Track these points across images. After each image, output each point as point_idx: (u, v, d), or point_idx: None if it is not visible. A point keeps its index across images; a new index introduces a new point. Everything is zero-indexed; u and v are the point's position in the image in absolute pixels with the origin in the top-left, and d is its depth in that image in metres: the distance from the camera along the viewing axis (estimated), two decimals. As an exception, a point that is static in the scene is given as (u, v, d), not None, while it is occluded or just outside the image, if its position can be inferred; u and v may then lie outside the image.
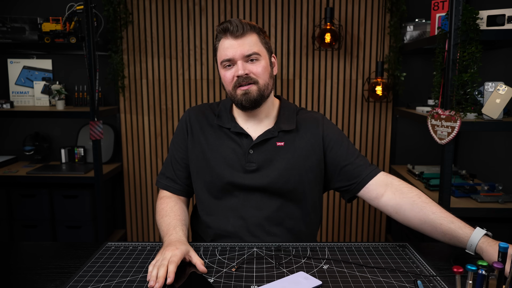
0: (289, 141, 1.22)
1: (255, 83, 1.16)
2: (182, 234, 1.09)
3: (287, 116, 1.26)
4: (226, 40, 1.16)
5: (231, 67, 1.17)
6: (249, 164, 1.19)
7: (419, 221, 1.09)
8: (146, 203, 2.72)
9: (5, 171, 2.38)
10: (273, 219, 1.19)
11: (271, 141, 1.22)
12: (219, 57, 1.19)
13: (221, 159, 1.20)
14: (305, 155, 1.22)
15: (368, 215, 2.69)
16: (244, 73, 1.15)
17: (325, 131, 1.26)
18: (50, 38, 2.25)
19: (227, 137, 1.23)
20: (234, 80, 1.17)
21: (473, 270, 0.75)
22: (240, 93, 1.16)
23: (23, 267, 1.00)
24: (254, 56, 1.16)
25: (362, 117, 2.60)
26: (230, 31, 1.15)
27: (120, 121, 2.64)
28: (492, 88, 1.70)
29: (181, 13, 2.54)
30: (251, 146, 1.20)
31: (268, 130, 1.22)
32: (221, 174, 1.19)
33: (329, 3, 2.49)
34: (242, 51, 1.15)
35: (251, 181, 1.18)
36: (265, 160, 1.20)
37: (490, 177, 2.13)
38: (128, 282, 0.91)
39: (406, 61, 2.56)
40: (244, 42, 1.15)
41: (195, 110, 1.31)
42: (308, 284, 0.89)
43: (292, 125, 1.24)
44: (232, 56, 1.15)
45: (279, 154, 1.21)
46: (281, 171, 1.19)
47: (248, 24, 1.17)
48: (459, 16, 1.65)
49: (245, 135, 1.22)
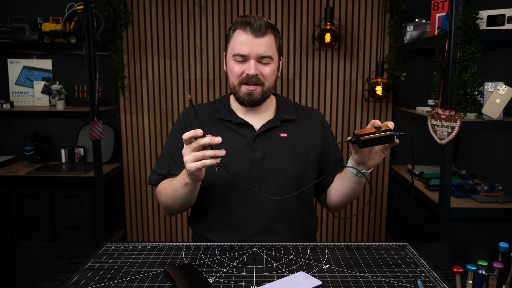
0: (292, 133, 1.25)
1: (261, 84, 1.19)
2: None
3: (286, 108, 1.30)
4: (244, 34, 1.16)
5: (243, 62, 1.18)
6: (254, 152, 1.20)
7: (335, 189, 1.25)
8: (146, 203, 2.72)
9: (5, 171, 2.38)
10: (276, 215, 1.20)
11: (275, 131, 1.24)
12: (232, 49, 1.19)
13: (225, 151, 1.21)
14: (307, 149, 1.26)
15: (368, 215, 2.69)
16: (255, 73, 1.16)
17: (324, 130, 1.31)
18: (50, 38, 2.25)
19: (229, 129, 1.24)
20: (242, 76, 1.18)
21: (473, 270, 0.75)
22: (244, 91, 1.19)
23: (23, 267, 1.00)
24: (267, 59, 1.18)
25: (362, 117, 2.60)
26: (252, 28, 1.15)
27: (120, 121, 2.64)
28: (492, 88, 1.70)
29: (181, 13, 2.54)
30: (256, 135, 1.22)
31: (271, 119, 1.25)
32: (227, 165, 1.19)
33: (329, 3, 2.49)
34: (258, 51, 1.16)
35: (257, 170, 1.19)
36: (270, 149, 1.22)
37: (490, 177, 2.13)
38: (128, 282, 0.91)
39: (406, 61, 2.56)
40: (262, 42, 1.16)
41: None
42: (308, 284, 0.89)
43: (293, 115, 1.29)
44: (247, 53, 1.16)
45: (282, 145, 1.23)
46: (285, 160, 1.21)
47: (270, 25, 1.18)
48: (459, 16, 1.65)
49: (247, 125, 1.24)
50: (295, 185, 1.21)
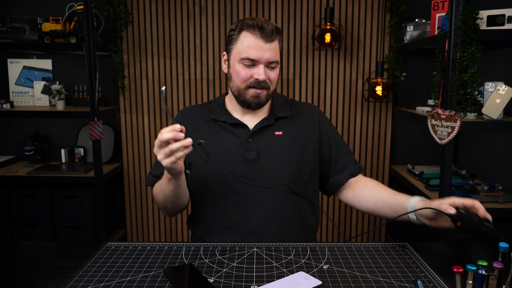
0: (287, 131, 1.25)
1: (267, 88, 1.19)
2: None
3: (280, 105, 1.30)
4: (253, 38, 1.15)
5: (251, 66, 1.17)
6: (249, 152, 1.20)
7: (374, 201, 1.22)
8: (146, 203, 2.72)
9: (5, 171, 2.38)
10: (273, 214, 1.19)
11: (269, 129, 1.24)
12: (239, 52, 1.17)
13: (219, 152, 1.21)
14: (303, 145, 1.25)
15: (368, 215, 2.69)
16: (265, 79, 1.16)
17: (321, 124, 1.30)
18: (50, 38, 2.25)
19: (224, 130, 1.24)
20: (249, 80, 1.17)
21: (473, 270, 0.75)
22: (252, 94, 1.18)
23: (23, 267, 1.00)
24: (274, 64, 1.18)
25: (362, 117, 2.60)
26: (263, 33, 1.14)
27: (120, 121, 2.64)
28: (492, 88, 1.70)
29: (181, 13, 2.54)
30: (250, 135, 1.21)
31: (265, 118, 1.25)
32: (221, 167, 1.19)
33: (329, 3, 2.49)
34: (268, 57, 1.15)
35: (252, 170, 1.19)
36: (264, 148, 1.21)
37: (490, 177, 2.13)
38: (128, 282, 0.91)
39: (406, 61, 2.56)
40: (271, 47, 1.16)
41: (188, 109, 1.33)
42: (308, 284, 0.89)
43: (287, 112, 1.28)
44: (257, 58, 1.15)
45: (278, 143, 1.23)
46: (281, 159, 1.21)
47: (278, 29, 1.17)
48: (459, 16, 1.65)
49: (241, 125, 1.23)
50: (291, 183, 1.21)
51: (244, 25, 1.16)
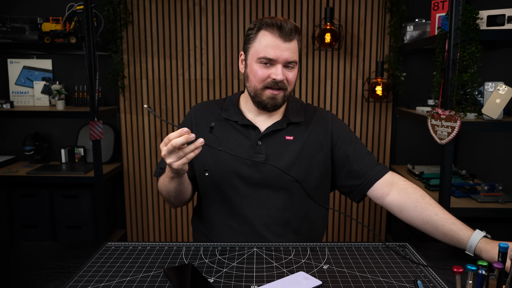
0: (298, 136, 1.22)
1: (285, 89, 1.16)
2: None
3: (295, 110, 1.26)
4: (272, 37, 1.12)
5: (269, 66, 1.14)
6: (257, 155, 1.19)
7: (422, 221, 1.11)
8: (146, 203, 2.72)
9: (5, 171, 2.38)
10: (279, 219, 1.19)
11: (280, 134, 1.22)
12: (257, 51, 1.14)
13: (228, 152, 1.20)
14: (313, 151, 1.22)
15: (368, 215, 2.69)
16: (282, 79, 1.14)
17: (334, 128, 1.26)
18: (50, 38, 2.25)
19: (234, 130, 1.23)
20: (267, 81, 1.15)
21: (473, 270, 0.75)
22: (268, 95, 1.16)
23: (23, 267, 1.00)
24: (292, 64, 1.15)
25: (362, 117, 2.60)
26: (282, 32, 1.11)
27: (120, 121, 2.64)
28: (492, 88, 1.70)
29: (181, 13, 2.54)
30: (260, 138, 1.20)
31: (277, 122, 1.22)
32: (229, 167, 1.18)
33: (329, 3, 2.49)
34: (286, 57, 1.13)
35: (259, 173, 1.18)
36: (273, 152, 1.19)
37: (490, 177, 2.13)
38: (128, 282, 0.91)
39: (406, 61, 2.56)
40: (290, 47, 1.13)
41: (201, 106, 1.31)
42: (308, 284, 0.89)
43: (301, 117, 1.25)
44: (275, 58, 1.12)
45: (287, 148, 1.20)
46: (288, 164, 1.18)
47: (297, 29, 1.14)
48: (459, 16, 1.65)
49: (252, 127, 1.22)
50: (297, 189, 1.20)
51: (263, 24, 1.14)
